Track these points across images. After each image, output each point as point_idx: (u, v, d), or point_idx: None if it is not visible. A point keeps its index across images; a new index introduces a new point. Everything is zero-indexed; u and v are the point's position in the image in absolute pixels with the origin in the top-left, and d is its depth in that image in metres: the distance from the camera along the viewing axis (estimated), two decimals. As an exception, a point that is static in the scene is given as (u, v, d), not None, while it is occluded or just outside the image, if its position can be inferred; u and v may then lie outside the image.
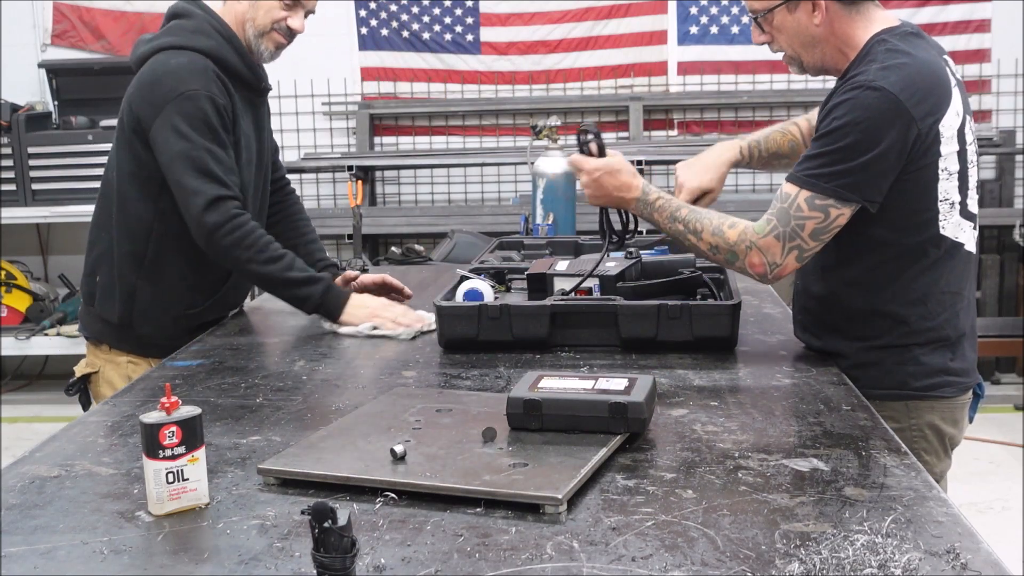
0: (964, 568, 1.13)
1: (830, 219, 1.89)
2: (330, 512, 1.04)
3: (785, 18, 2.00)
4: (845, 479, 1.40)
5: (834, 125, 1.87)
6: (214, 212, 2.24)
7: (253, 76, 2.42)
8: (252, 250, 2.27)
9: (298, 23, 2.39)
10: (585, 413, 1.51)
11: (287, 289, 2.33)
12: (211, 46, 2.33)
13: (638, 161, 5.55)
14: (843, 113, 1.87)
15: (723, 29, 5.87)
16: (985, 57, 5.73)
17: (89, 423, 1.74)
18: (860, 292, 1.98)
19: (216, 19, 2.36)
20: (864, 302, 1.99)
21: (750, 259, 1.96)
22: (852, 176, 1.86)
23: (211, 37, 2.34)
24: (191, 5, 2.39)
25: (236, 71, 2.37)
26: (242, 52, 2.38)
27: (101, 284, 2.45)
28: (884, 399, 1.94)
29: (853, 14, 1.97)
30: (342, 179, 5.90)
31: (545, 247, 2.91)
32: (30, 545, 1.25)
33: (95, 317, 2.48)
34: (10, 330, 5.52)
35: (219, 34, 2.35)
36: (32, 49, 6.00)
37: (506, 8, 5.91)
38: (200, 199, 2.24)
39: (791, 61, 2.08)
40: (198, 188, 2.24)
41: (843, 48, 1.99)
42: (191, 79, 2.27)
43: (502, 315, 2.11)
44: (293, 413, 1.77)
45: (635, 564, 1.15)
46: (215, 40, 2.34)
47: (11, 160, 5.38)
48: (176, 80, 2.27)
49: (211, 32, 2.34)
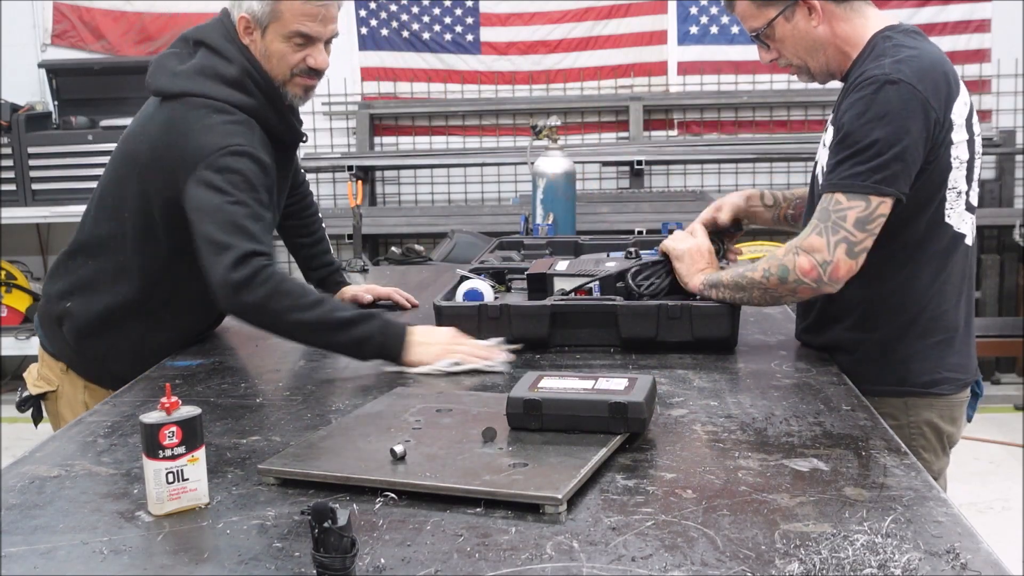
0: (964, 568, 1.13)
1: (872, 207, 1.86)
2: (330, 512, 1.04)
3: (785, 28, 2.01)
4: (845, 479, 1.39)
5: (858, 124, 1.87)
6: (242, 268, 1.94)
7: (290, 136, 2.25)
8: (291, 297, 1.97)
9: (319, 59, 2.14)
10: (585, 413, 1.51)
11: (343, 332, 1.98)
12: (253, 106, 2.12)
13: (638, 161, 5.57)
14: (864, 109, 1.86)
15: (723, 29, 5.86)
16: (985, 57, 5.73)
17: (89, 423, 1.74)
18: (864, 282, 1.97)
19: (256, 66, 2.13)
20: (868, 292, 1.99)
21: (800, 265, 1.91)
22: (888, 169, 1.85)
23: (253, 96, 2.12)
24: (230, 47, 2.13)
25: (273, 132, 2.17)
26: (282, 112, 2.17)
27: (75, 312, 2.23)
28: (883, 395, 1.95)
29: (849, 12, 1.99)
30: (342, 179, 5.91)
31: (545, 247, 2.91)
32: (30, 545, 1.25)
33: (62, 339, 2.27)
34: (10, 330, 5.52)
35: (261, 92, 2.13)
36: (32, 49, 6.00)
37: (506, 8, 5.91)
38: (230, 254, 1.95)
39: (800, 71, 2.08)
40: (229, 243, 1.96)
41: (844, 48, 2.00)
42: (235, 135, 2.06)
43: (502, 315, 2.11)
44: (293, 413, 1.77)
45: (635, 564, 1.15)
46: (257, 100, 2.13)
47: (11, 160, 5.38)
48: (220, 136, 2.05)
49: (253, 90, 2.12)
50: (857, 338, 2.01)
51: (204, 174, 2.01)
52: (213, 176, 2.01)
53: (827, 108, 5.77)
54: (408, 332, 2.01)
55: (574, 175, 3.45)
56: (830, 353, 2.06)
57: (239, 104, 2.10)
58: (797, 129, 5.88)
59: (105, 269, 2.22)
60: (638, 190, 5.67)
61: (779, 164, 5.83)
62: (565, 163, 3.41)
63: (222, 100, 2.09)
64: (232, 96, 2.10)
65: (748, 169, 5.85)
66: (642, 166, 5.60)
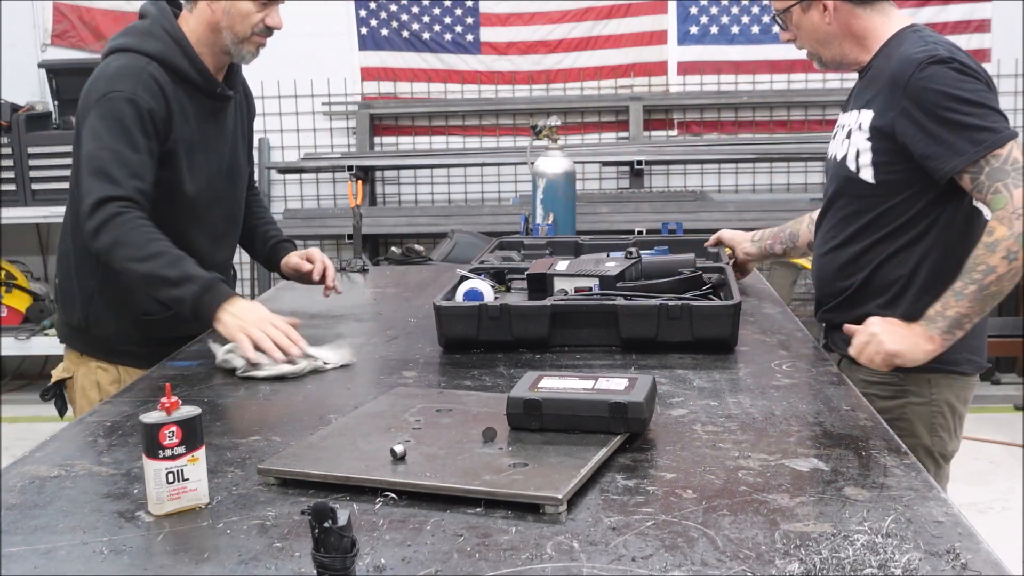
0: (964, 568, 1.13)
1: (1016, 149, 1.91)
2: (330, 512, 1.04)
3: (801, 17, 2.13)
4: (845, 479, 1.40)
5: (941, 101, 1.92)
6: (97, 214, 2.11)
7: (204, 81, 2.32)
8: (131, 247, 2.10)
9: (275, 19, 2.31)
10: (585, 413, 1.51)
11: (165, 288, 2.10)
12: (158, 49, 2.25)
13: (638, 161, 5.57)
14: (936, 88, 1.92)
15: (723, 29, 5.87)
16: (985, 57, 5.73)
17: (89, 423, 1.74)
18: (903, 261, 2.05)
19: (170, 23, 2.29)
20: (906, 270, 2.05)
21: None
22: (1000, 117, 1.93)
23: (160, 40, 2.26)
24: (152, 6, 2.32)
25: (185, 75, 2.28)
26: (192, 56, 2.28)
27: (60, 286, 2.41)
28: (908, 371, 1.99)
29: (869, 11, 2.08)
30: (342, 179, 5.91)
31: (545, 247, 2.91)
32: (30, 545, 1.25)
33: (61, 320, 2.45)
34: (10, 330, 5.52)
35: (169, 37, 2.27)
36: (32, 49, 6.00)
37: (506, 8, 5.91)
38: (87, 201, 2.13)
39: (812, 57, 2.21)
40: (89, 189, 2.13)
41: (862, 42, 2.10)
42: (119, 81, 2.20)
43: (502, 315, 2.11)
44: (293, 413, 1.77)
45: (635, 564, 1.15)
46: (163, 43, 2.26)
47: (11, 160, 5.38)
48: (106, 82, 2.21)
49: (161, 35, 2.27)
50: (889, 315, 2.03)
51: (89, 120, 2.20)
52: (96, 121, 2.18)
53: (827, 108, 5.77)
54: (227, 301, 2.08)
55: (574, 175, 3.45)
56: None
57: (144, 51, 2.24)
58: (797, 129, 5.88)
59: (69, 238, 2.37)
60: (638, 190, 5.67)
61: (779, 164, 5.83)
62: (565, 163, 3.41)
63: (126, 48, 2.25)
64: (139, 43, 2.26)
65: (748, 169, 5.84)
66: (642, 166, 5.60)
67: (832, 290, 2.18)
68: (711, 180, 5.86)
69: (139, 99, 2.19)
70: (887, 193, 2.04)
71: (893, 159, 2.02)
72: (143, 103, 2.19)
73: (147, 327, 2.36)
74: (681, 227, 4.48)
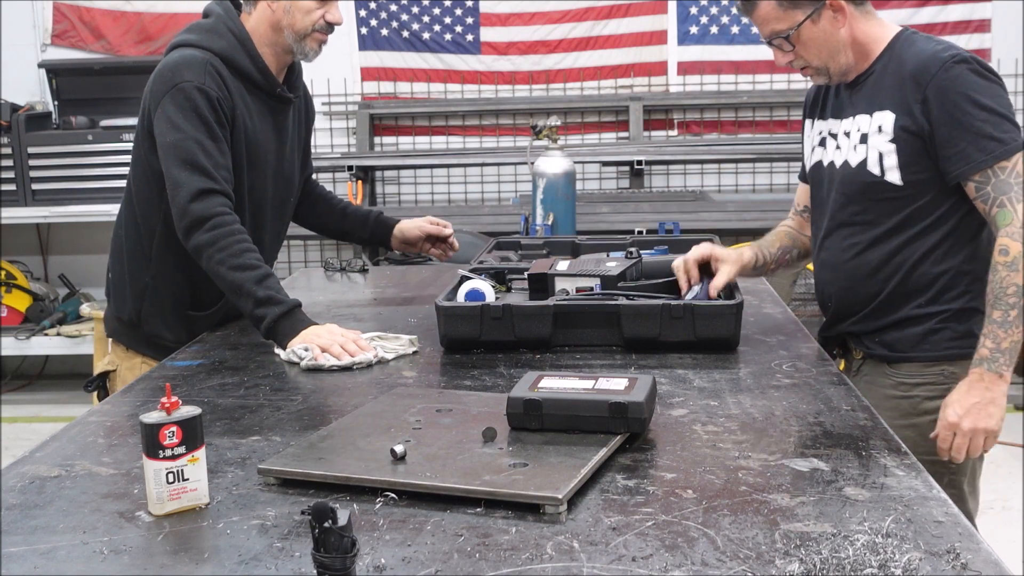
0: (964, 568, 1.13)
1: None
2: (330, 512, 1.04)
3: (812, 31, 2.02)
4: (845, 479, 1.40)
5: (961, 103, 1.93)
6: (200, 203, 2.19)
7: (266, 81, 2.37)
8: (224, 252, 2.18)
9: (335, 15, 2.35)
10: (585, 413, 1.51)
11: (247, 303, 2.17)
12: (222, 47, 2.30)
13: (638, 161, 5.57)
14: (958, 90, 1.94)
15: (723, 29, 5.86)
16: (985, 57, 5.72)
17: (89, 423, 1.74)
18: (943, 256, 2.04)
19: (234, 22, 2.34)
20: (952, 264, 2.05)
21: None
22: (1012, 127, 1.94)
23: (223, 38, 2.31)
24: (217, 5, 2.38)
25: (247, 74, 2.33)
26: (254, 55, 2.33)
27: (113, 280, 2.47)
28: (954, 359, 2.03)
29: (864, 14, 2.06)
30: (342, 179, 5.90)
31: (542, 247, 2.92)
32: (30, 545, 1.25)
33: (111, 315, 2.49)
34: (10, 330, 5.51)
35: (233, 36, 2.32)
36: (32, 49, 5.99)
37: (506, 8, 5.91)
38: (186, 190, 2.19)
39: (818, 72, 2.10)
40: (185, 180, 2.19)
41: (862, 48, 2.07)
42: (185, 71, 2.24)
43: (505, 315, 2.11)
44: (293, 413, 1.77)
45: (635, 564, 1.15)
46: (227, 41, 2.31)
47: (11, 160, 5.37)
48: (173, 72, 2.25)
49: (225, 33, 2.32)
50: (930, 311, 2.05)
51: (164, 110, 2.23)
52: (172, 111, 2.22)
53: (827, 108, 5.76)
54: (301, 329, 2.14)
55: (574, 175, 3.45)
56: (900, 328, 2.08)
57: (208, 47, 2.29)
58: (797, 129, 5.86)
59: (123, 233, 2.43)
60: (638, 190, 5.67)
61: (779, 164, 5.82)
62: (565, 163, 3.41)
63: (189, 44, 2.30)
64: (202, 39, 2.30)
65: (748, 169, 5.84)
66: (642, 166, 5.60)
67: (860, 297, 2.13)
68: (711, 180, 5.86)
69: (208, 88, 2.24)
70: (915, 193, 2.03)
71: (921, 158, 2.00)
72: (212, 92, 2.25)
73: (194, 322, 2.42)
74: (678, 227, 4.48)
